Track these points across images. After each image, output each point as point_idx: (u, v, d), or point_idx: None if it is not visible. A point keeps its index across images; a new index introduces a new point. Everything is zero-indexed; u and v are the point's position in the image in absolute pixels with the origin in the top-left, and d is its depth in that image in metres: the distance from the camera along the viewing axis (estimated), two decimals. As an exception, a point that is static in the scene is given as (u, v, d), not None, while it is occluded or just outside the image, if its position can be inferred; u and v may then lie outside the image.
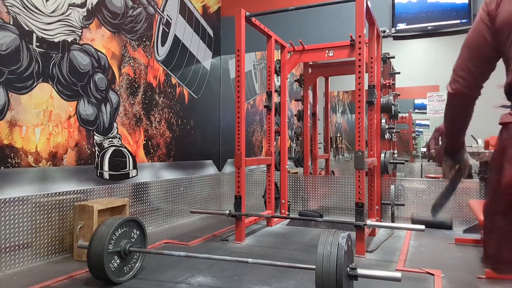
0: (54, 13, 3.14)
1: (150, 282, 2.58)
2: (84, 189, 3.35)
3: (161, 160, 4.37)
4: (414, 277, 2.67)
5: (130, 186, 3.89)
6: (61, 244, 3.13)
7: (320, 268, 1.98)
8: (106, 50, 3.64)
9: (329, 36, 4.83)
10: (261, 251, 3.35)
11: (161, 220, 4.30)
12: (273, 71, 4.37)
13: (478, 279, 2.63)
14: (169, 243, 3.56)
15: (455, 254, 3.26)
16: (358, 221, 3.18)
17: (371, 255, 3.22)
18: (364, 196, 3.21)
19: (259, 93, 6.20)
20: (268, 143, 4.42)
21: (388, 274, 2.10)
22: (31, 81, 2.96)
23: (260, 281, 2.58)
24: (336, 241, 2.06)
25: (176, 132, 4.61)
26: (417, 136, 6.83)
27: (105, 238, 2.42)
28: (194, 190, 4.88)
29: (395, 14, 4.69)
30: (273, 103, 4.38)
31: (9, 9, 2.81)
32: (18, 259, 2.81)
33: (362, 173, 3.18)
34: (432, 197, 4.40)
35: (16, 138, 2.85)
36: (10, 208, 2.77)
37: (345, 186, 4.73)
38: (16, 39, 2.85)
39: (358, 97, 3.18)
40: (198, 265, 2.90)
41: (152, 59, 4.23)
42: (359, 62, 3.19)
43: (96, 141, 3.53)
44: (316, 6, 3.84)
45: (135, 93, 3.99)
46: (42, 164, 3.04)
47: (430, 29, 4.59)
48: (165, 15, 4.45)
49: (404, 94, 5.55)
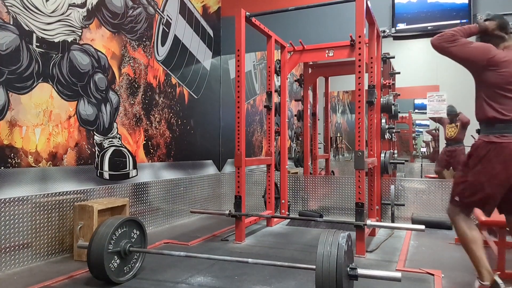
0: (54, 13, 3.14)
1: (150, 282, 2.58)
2: (84, 189, 3.35)
3: (161, 160, 4.37)
4: (414, 277, 2.67)
5: (130, 186, 3.89)
6: (61, 244, 3.13)
7: (320, 268, 1.98)
8: (106, 50, 3.64)
9: (329, 36, 4.83)
10: (261, 251, 3.35)
11: (161, 220, 4.30)
12: (273, 71, 4.37)
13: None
14: (169, 243, 3.56)
15: (455, 254, 3.25)
16: (358, 221, 3.18)
17: (371, 255, 3.21)
18: (364, 196, 3.21)
19: (259, 93, 6.20)
20: (268, 143, 4.42)
21: (388, 274, 2.10)
22: (31, 81, 2.96)
23: (260, 281, 2.58)
24: (336, 241, 2.06)
25: (176, 132, 4.61)
26: (417, 136, 6.83)
27: (105, 238, 2.42)
28: (194, 190, 4.88)
29: (395, 14, 4.69)
30: (273, 103, 4.38)
31: (9, 9, 2.81)
32: (18, 259, 2.81)
33: (362, 173, 3.18)
34: (432, 197, 4.41)
35: (16, 138, 2.85)
36: (10, 208, 2.77)
37: (345, 186, 4.73)
38: (16, 39, 2.85)
39: (358, 97, 3.18)
40: (198, 265, 2.89)
41: (152, 59, 4.23)
42: (359, 62, 3.19)
43: (96, 141, 3.53)
44: (316, 6, 3.84)
45: (135, 93, 3.99)
46: (42, 164, 3.05)
47: (430, 29, 4.59)
48: (165, 15, 4.45)
49: (404, 94, 5.55)
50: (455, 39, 2.19)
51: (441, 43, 2.22)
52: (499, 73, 2.14)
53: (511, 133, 2.12)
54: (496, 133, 2.14)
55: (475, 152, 2.23)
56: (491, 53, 2.16)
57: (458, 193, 2.29)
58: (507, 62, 2.14)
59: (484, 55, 2.16)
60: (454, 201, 2.31)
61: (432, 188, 4.42)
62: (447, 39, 2.21)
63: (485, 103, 2.19)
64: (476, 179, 2.19)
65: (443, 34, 2.23)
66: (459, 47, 2.18)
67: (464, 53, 2.20)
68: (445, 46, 2.20)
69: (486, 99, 2.19)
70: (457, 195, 2.29)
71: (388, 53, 4.40)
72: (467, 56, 2.20)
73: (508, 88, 2.13)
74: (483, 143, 2.19)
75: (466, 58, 2.21)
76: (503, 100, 2.14)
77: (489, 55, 2.15)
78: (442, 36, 2.23)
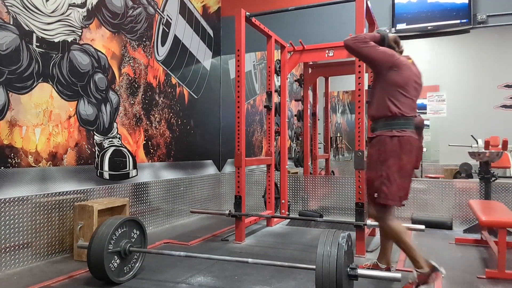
0: (54, 13, 3.14)
1: (150, 282, 2.58)
2: (84, 189, 3.35)
3: (161, 160, 4.37)
4: (414, 277, 2.66)
5: (130, 186, 3.89)
6: (61, 244, 3.13)
7: (320, 268, 1.99)
8: (106, 50, 3.64)
9: (329, 36, 4.83)
10: (261, 251, 3.35)
11: (161, 220, 4.30)
12: (273, 71, 4.37)
13: (478, 279, 2.64)
14: (169, 243, 3.56)
15: (455, 254, 3.26)
16: (358, 221, 3.18)
17: (371, 255, 3.21)
18: (364, 196, 3.21)
19: (259, 93, 6.20)
20: (268, 143, 4.42)
21: (388, 274, 2.11)
22: (31, 81, 2.96)
23: (260, 281, 2.58)
24: (336, 241, 2.06)
25: (176, 132, 4.61)
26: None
27: (105, 238, 2.42)
28: (194, 190, 4.88)
29: (395, 14, 4.69)
30: (273, 103, 4.38)
31: (9, 9, 2.81)
32: (18, 259, 2.81)
33: (362, 173, 3.18)
34: (432, 197, 4.41)
35: (16, 138, 2.85)
36: (10, 208, 2.77)
37: (345, 186, 4.73)
38: (16, 39, 2.85)
39: (358, 97, 3.18)
40: (198, 265, 2.90)
41: (152, 59, 4.23)
42: (359, 62, 3.19)
43: (96, 141, 3.53)
44: (316, 6, 3.84)
45: (135, 93, 3.99)
46: (42, 164, 3.05)
47: (430, 29, 4.59)
48: (165, 15, 4.45)
49: (404, 94, 5.54)
50: (368, 41, 2.46)
51: (356, 43, 2.46)
52: (401, 74, 2.44)
53: (410, 128, 2.44)
54: (397, 128, 2.42)
55: (382, 147, 2.44)
56: (395, 56, 2.47)
57: (375, 189, 2.45)
58: (406, 66, 2.47)
59: (390, 57, 2.45)
60: (374, 199, 2.46)
61: (432, 188, 4.42)
62: (362, 40, 2.46)
63: (388, 100, 2.44)
64: (389, 173, 2.40)
65: (357, 36, 2.51)
66: (370, 48, 2.44)
67: (374, 54, 2.45)
68: (359, 46, 2.45)
69: (390, 97, 2.44)
70: (375, 192, 2.45)
71: (388, 53, 4.40)
72: (377, 57, 2.46)
73: (407, 88, 2.45)
74: (387, 137, 2.42)
75: (376, 59, 2.46)
76: (403, 99, 2.44)
77: (394, 58, 2.45)
78: (357, 38, 2.49)
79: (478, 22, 4.38)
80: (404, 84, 2.44)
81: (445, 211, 4.33)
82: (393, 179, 2.38)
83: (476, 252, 3.32)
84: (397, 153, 2.39)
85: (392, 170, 2.38)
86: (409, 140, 2.41)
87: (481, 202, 3.50)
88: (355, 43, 2.46)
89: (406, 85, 2.44)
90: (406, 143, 2.40)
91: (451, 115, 5.24)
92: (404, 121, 2.43)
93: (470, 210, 3.99)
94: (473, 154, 4.10)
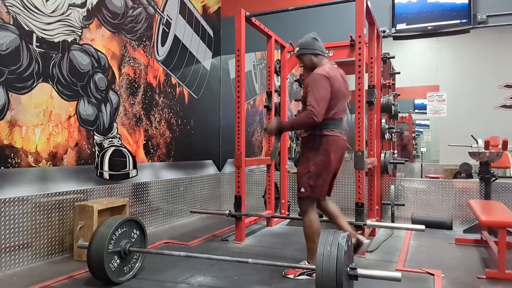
0: (54, 13, 3.14)
1: (150, 282, 2.58)
2: (84, 189, 3.35)
3: (161, 160, 4.37)
4: (414, 277, 2.67)
5: (130, 186, 3.89)
6: (61, 244, 3.13)
7: (320, 268, 1.98)
8: (106, 50, 3.64)
9: (329, 36, 4.81)
10: (261, 251, 3.35)
11: (161, 220, 4.30)
12: (273, 71, 4.37)
13: (478, 279, 2.64)
14: (169, 243, 3.56)
15: (455, 254, 3.26)
16: (358, 221, 3.18)
17: (371, 255, 3.21)
18: (364, 196, 3.21)
19: (259, 93, 6.20)
20: (268, 143, 4.41)
21: (388, 274, 2.10)
22: (31, 81, 2.96)
23: (260, 281, 2.58)
24: (336, 241, 2.06)
25: (176, 132, 4.61)
26: (417, 136, 6.83)
27: (105, 238, 2.42)
28: (194, 190, 4.88)
29: (395, 14, 4.69)
30: (273, 103, 4.38)
31: (9, 9, 2.81)
32: (18, 259, 2.81)
33: (362, 173, 3.18)
34: (432, 197, 4.41)
35: (16, 138, 2.85)
36: (10, 208, 2.77)
37: (345, 186, 4.73)
38: (16, 39, 2.85)
39: (358, 97, 3.18)
40: (198, 265, 2.90)
41: (152, 59, 4.23)
42: (359, 62, 3.19)
43: (96, 141, 3.53)
44: (316, 6, 3.84)
45: (135, 93, 3.99)
46: (42, 164, 3.05)
47: (430, 29, 4.59)
48: (165, 15, 4.45)
49: (404, 94, 5.55)
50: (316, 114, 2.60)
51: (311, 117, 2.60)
52: (332, 89, 2.68)
53: (338, 129, 2.76)
54: (328, 129, 2.72)
55: (313, 145, 2.73)
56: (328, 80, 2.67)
57: (303, 184, 2.72)
58: (334, 79, 2.70)
59: (328, 86, 2.66)
60: (302, 193, 2.73)
61: (432, 188, 4.42)
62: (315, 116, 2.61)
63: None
64: (316, 168, 2.70)
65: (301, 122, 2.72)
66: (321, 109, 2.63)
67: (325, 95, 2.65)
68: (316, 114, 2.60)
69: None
70: (303, 187, 2.73)
71: (388, 53, 4.40)
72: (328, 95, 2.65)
73: (337, 97, 2.72)
74: (317, 136, 2.72)
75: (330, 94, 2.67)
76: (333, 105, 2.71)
77: (328, 82, 2.66)
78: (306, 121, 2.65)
79: (478, 22, 4.38)
80: (333, 98, 2.69)
81: (445, 211, 4.33)
82: (319, 175, 2.69)
83: (476, 252, 3.32)
84: (325, 151, 2.70)
85: (319, 166, 2.68)
86: (337, 139, 2.74)
87: (481, 202, 3.50)
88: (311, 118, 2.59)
89: (337, 94, 2.71)
90: (334, 143, 2.72)
91: (451, 115, 5.24)
92: (333, 123, 2.73)
93: (470, 210, 3.99)
94: (473, 154, 4.10)
